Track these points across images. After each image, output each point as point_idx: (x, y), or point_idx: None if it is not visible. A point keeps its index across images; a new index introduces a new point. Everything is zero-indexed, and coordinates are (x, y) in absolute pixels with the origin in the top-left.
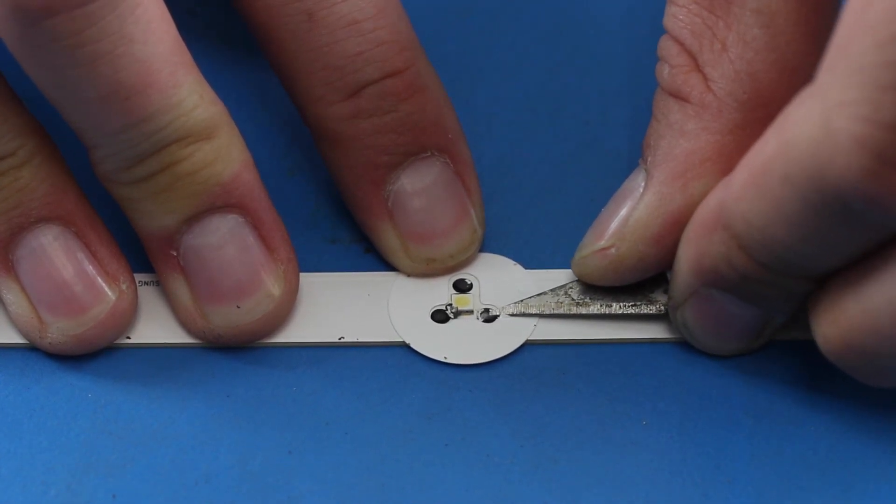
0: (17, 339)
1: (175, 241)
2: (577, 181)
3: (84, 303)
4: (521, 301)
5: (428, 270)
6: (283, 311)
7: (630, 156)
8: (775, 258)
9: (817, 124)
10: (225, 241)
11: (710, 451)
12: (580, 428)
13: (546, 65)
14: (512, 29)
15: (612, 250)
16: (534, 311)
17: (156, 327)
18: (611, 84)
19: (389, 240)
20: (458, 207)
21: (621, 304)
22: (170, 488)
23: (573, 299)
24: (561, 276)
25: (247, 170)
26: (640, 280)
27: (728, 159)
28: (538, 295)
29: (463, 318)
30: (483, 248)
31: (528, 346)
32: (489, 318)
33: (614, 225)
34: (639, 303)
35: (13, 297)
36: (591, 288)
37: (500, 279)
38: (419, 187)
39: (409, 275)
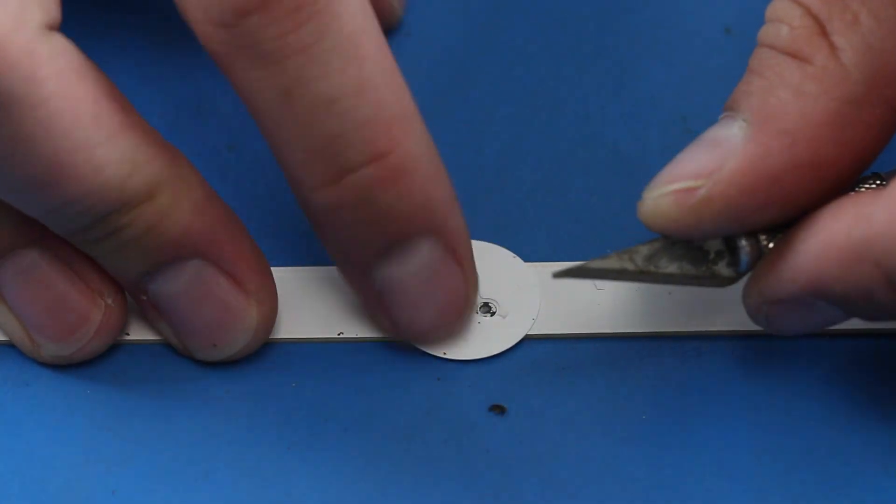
0: None
1: (142, 287)
2: (576, 175)
3: (70, 324)
4: (582, 264)
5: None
6: (263, 335)
7: (629, 150)
8: None
9: None
10: (189, 286)
11: (711, 445)
12: (579, 423)
13: (545, 59)
14: (511, 23)
15: (701, 191)
16: (593, 274)
17: None
18: (610, 79)
19: (381, 322)
20: (448, 288)
21: (685, 276)
22: (169, 484)
23: (637, 265)
24: None
25: (199, 215)
26: (707, 239)
27: (843, 129)
28: (600, 257)
29: None
30: (483, 240)
31: (528, 340)
32: (489, 313)
33: (705, 166)
34: (701, 276)
35: (4, 320)
36: (657, 256)
37: (499, 272)
38: (404, 276)
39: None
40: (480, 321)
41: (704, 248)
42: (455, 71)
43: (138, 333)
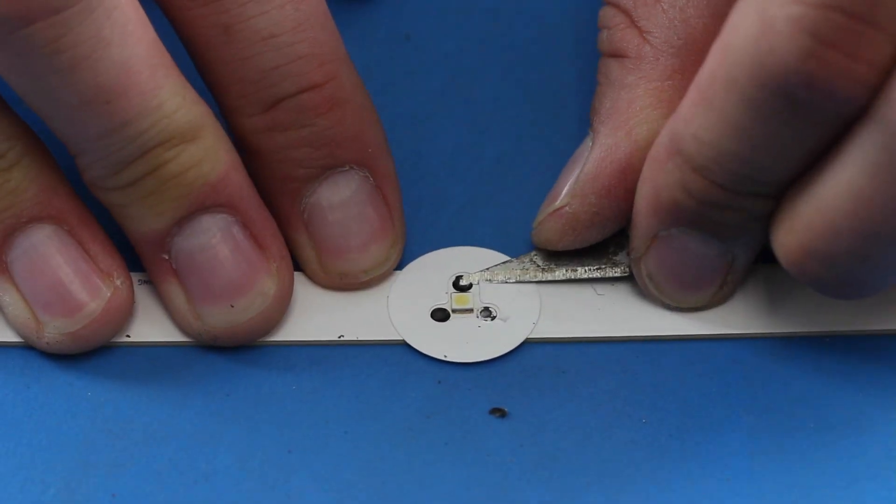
0: (16, 337)
1: (166, 245)
2: None
3: (79, 300)
4: (487, 269)
5: (341, 285)
6: (278, 310)
7: None
8: (729, 174)
9: (754, 18)
10: (216, 240)
11: (710, 449)
12: (580, 426)
13: (545, 61)
14: (511, 26)
15: (566, 209)
16: (500, 279)
17: (155, 326)
18: None
19: (303, 251)
20: (375, 223)
21: (586, 269)
22: (169, 487)
23: (538, 266)
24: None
25: (234, 169)
26: (601, 240)
27: (669, 104)
28: (503, 263)
29: (463, 317)
30: (483, 246)
31: (528, 344)
32: (489, 317)
33: (566, 186)
34: (603, 266)
35: (9, 299)
36: (555, 254)
37: None
38: (335, 201)
39: (324, 287)
40: (481, 325)
41: (604, 241)
42: (454, 74)
43: (139, 335)
